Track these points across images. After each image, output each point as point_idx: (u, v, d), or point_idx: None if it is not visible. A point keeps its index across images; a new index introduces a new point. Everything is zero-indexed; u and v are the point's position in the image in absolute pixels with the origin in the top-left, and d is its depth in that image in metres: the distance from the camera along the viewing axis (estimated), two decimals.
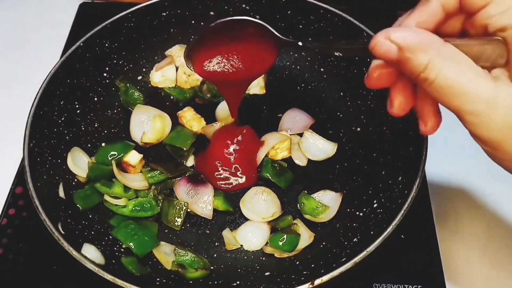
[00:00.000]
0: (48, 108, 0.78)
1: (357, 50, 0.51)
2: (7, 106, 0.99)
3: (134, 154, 0.81)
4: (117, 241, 0.74)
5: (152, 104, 0.90)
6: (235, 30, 0.62)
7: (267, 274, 0.73)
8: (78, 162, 0.80)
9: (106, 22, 0.86)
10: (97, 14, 1.10)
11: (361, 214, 0.76)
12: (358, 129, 0.87)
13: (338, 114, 0.90)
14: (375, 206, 0.75)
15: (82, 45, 0.84)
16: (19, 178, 0.86)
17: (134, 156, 0.81)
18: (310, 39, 0.90)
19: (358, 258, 0.62)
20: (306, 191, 0.80)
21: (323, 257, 0.72)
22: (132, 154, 0.81)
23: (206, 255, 0.75)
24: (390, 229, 0.64)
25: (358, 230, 0.74)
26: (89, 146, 0.84)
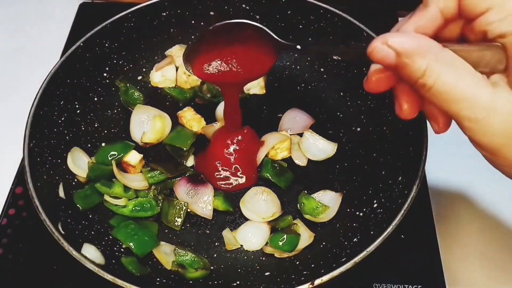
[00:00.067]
0: (48, 108, 0.78)
1: (355, 54, 0.50)
2: (7, 106, 0.99)
3: (134, 154, 0.81)
4: (117, 241, 0.74)
5: (152, 104, 0.90)
6: (234, 33, 0.62)
7: (267, 274, 0.73)
8: (78, 162, 0.80)
9: (106, 22, 0.86)
10: (97, 14, 1.10)
11: (361, 214, 0.76)
12: (358, 129, 0.87)
13: (338, 114, 0.90)
14: (375, 206, 0.75)
15: (82, 45, 0.84)
16: (19, 178, 0.86)
17: (134, 156, 0.81)
18: (310, 40, 0.90)
19: (358, 258, 0.62)
20: (306, 191, 0.80)
21: (323, 257, 0.72)
22: (132, 154, 0.81)
23: (206, 255, 0.75)
24: (390, 229, 0.64)
25: (358, 230, 0.74)
26: (89, 146, 0.84)
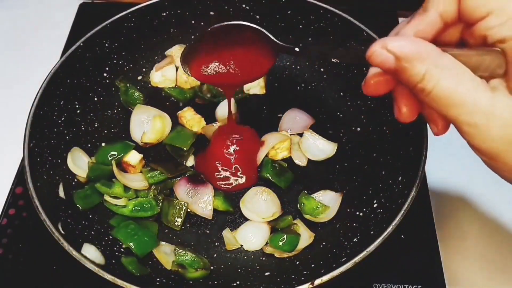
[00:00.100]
0: (48, 108, 0.78)
1: (354, 57, 0.50)
2: (7, 106, 0.99)
3: (134, 154, 0.81)
4: (117, 241, 0.74)
5: (152, 104, 0.90)
6: (232, 34, 0.62)
7: (267, 274, 0.73)
8: (78, 162, 0.80)
9: (106, 22, 0.86)
10: (97, 14, 1.10)
11: (361, 214, 0.76)
12: (358, 129, 0.87)
13: (338, 114, 0.90)
14: (375, 206, 0.75)
15: (82, 45, 0.84)
16: (19, 178, 0.86)
17: (134, 156, 0.81)
18: (310, 41, 0.90)
19: (358, 258, 0.62)
20: (306, 191, 0.80)
21: (323, 257, 0.72)
22: (132, 154, 0.81)
23: (206, 255, 0.75)
24: (390, 229, 0.64)
25: (358, 230, 0.74)
26: (89, 146, 0.84)
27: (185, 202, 0.78)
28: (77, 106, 0.84)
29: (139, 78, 0.94)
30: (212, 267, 0.73)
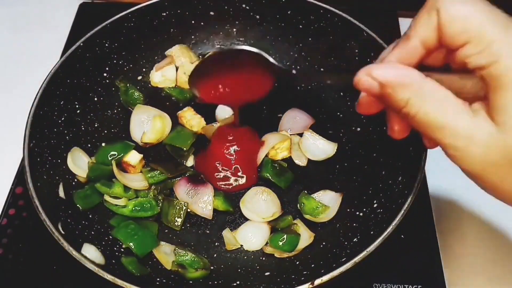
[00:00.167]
0: (48, 108, 0.78)
1: (345, 81, 0.53)
2: (7, 106, 0.99)
3: (134, 154, 0.81)
4: (117, 241, 0.74)
5: (152, 104, 0.90)
6: (235, 58, 0.65)
7: (267, 274, 0.73)
8: (78, 162, 0.80)
9: (106, 22, 0.86)
10: (97, 14, 1.10)
11: (361, 214, 0.76)
12: (358, 129, 0.87)
13: (338, 114, 0.90)
14: (375, 206, 0.75)
15: (82, 45, 0.84)
16: (19, 178, 0.86)
17: (134, 156, 0.81)
18: (307, 64, 0.91)
19: (358, 258, 0.62)
20: (306, 191, 0.80)
21: (323, 257, 0.72)
22: (132, 154, 0.81)
23: (206, 255, 0.75)
24: (390, 229, 0.64)
25: (358, 230, 0.74)
26: (89, 146, 0.84)
27: (185, 202, 0.78)
28: (77, 106, 0.84)
29: (139, 78, 0.94)
30: (212, 267, 0.73)
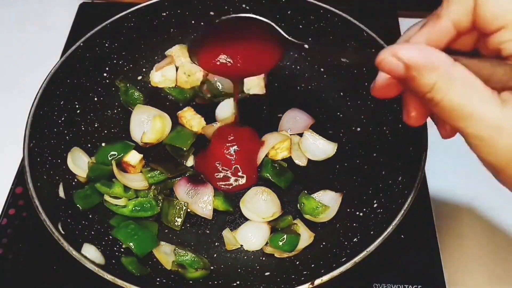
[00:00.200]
0: (48, 108, 0.78)
1: (363, 60, 0.49)
2: (7, 106, 0.99)
3: (134, 154, 0.81)
4: (117, 241, 0.74)
5: (152, 104, 0.90)
6: (241, 27, 0.61)
7: (267, 274, 0.73)
8: (78, 162, 0.80)
9: (106, 22, 0.86)
10: (97, 14, 1.10)
11: (361, 214, 0.76)
12: (358, 129, 0.87)
13: (338, 114, 0.90)
14: (375, 206, 0.75)
15: (82, 45, 0.84)
16: (19, 178, 0.86)
17: (134, 156, 0.81)
18: (319, 39, 0.89)
19: (358, 258, 0.62)
20: (306, 191, 0.80)
21: (323, 257, 0.72)
22: (132, 154, 0.81)
23: (206, 255, 0.75)
24: (390, 229, 0.64)
25: (358, 230, 0.74)
26: (89, 146, 0.84)
27: (185, 202, 0.78)
28: (77, 106, 0.84)
29: (139, 78, 0.94)
30: (212, 267, 0.73)
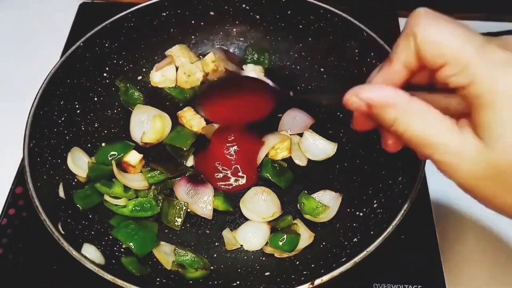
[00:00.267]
0: (48, 108, 0.78)
1: (337, 101, 0.55)
2: (7, 106, 0.99)
3: (134, 154, 0.81)
4: (117, 241, 0.74)
5: (152, 104, 0.90)
6: (240, 82, 0.69)
7: (267, 274, 0.73)
8: (78, 162, 0.80)
9: (106, 22, 0.86)
10: (97, 14, 1.10)
11: (361, 214, 0.76)
12: None
13: (338, 114, 0.90)
14: (375, 206, 0.75)
15: (82, 45, 0.84)
16: (19, 178, 0.86)
17: (134, 156, 0.81)
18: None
19: (358, 258, 0.62)
20: (306, 191, 0.80)
21: (323, 257, 0.72)
22: (132, 154, 0.81)
23: (206, 255, 0.75)
24: (390, 229, 0.64)
25: (358, 230, 0.74)
26: (89, 146, 0.84)
27: (185, 202, 0.78)
28: (77, 106, 0.84)
29: (139, 78, 0.94)
30: (212, 267, 0.73)
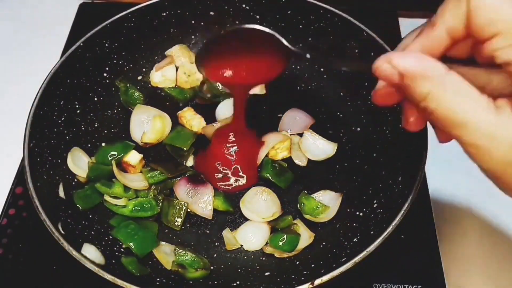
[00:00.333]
0: (48, 108, 0.78)
1: (362, 68, 0.49)
2: (7, 106, 0.99)
3: (134, 154, 0.81)
4: (117, 241, 0.74)
5: (152, 104, 0.90)
6: (245, 37, 0.61)
7: (267, 274, 0.73)
8: (78, 162, 0.80)
9: (106, 22, 0.86)
10: (97, 14, 1.10)
11: (361, 214, 0.76)
12: (358, 129, 0.87)
13: (338, 114, 0.90)
14: (375, 206, 0.75)
15: (82, 45, 0.84)
16: (19, 178, 0.86)
17: (134, 156, 0.81)
18: (321, 48, 0.89)
19: (358, 258, 0.62)
20: (306, 191, 0.80)
21: (323, 257, 0.72)
22: (132, 154, 0.81)
23: (206, 255, 0.75)
24: (390, 229, 0.64)
25: (358, 230, 0.74)
26: (89, 146, 0.84)
27: (185, 202, 0.78)
28: (77, 106, 0.84)
29: (139, 78, 0.94)
30: (212, 267, 0.73)
